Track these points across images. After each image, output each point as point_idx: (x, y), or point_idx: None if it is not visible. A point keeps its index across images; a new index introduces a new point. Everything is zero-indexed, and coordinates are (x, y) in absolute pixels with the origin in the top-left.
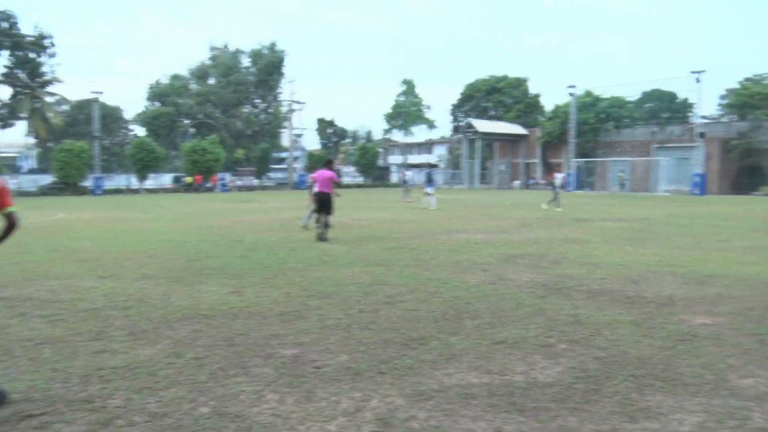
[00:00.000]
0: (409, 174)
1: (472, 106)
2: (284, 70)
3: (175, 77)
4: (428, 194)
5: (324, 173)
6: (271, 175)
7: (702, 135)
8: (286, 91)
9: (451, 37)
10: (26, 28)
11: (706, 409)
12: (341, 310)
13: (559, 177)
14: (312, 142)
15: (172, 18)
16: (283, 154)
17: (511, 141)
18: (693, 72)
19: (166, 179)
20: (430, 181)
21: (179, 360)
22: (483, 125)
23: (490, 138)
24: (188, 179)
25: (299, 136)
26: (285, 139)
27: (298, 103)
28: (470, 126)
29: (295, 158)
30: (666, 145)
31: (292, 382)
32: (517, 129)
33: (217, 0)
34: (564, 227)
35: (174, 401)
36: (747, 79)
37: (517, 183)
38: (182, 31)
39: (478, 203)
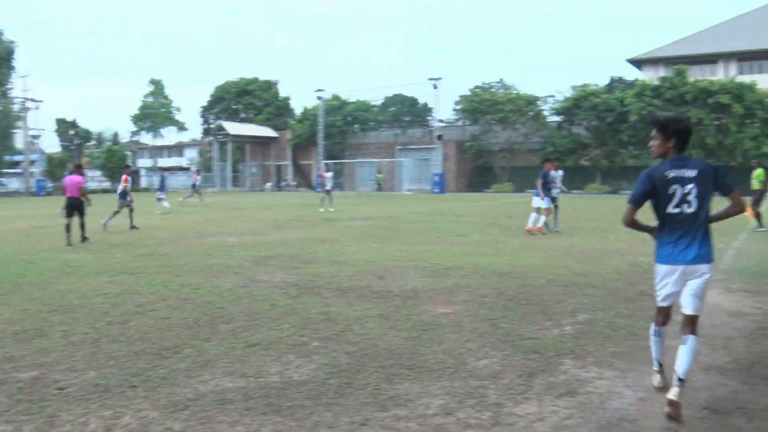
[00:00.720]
0: (198, 178)
1: (223, 108)
2: (15, 63)
3: None
4: (160, 199)
5: (73, 178)
6: (3, 180)
7: (440, 137)
8: (17, 87)
9: (201, 36)
10: None
11: (449, 392)
12: (87, 324)
13: (329, 177)
14: (51, 145)
15: None
16: (18, 158)
17: (262, 143)
18: (431, 79)
19: None
20: (162, 185)
21: None
22: (234, 127)
23: (241, 140)
24: None
25: (36, 137)
26: (19, 141)
27: (34, 101)
28: (221, 128)
29: (32, 162)
30: (408, 146)
31: (31, 408)
32: (267, 131)
33: None
34: (314, 227)
35: None
36: (477, 87)
37: (269, 185)
38: None
39: (229, 206)
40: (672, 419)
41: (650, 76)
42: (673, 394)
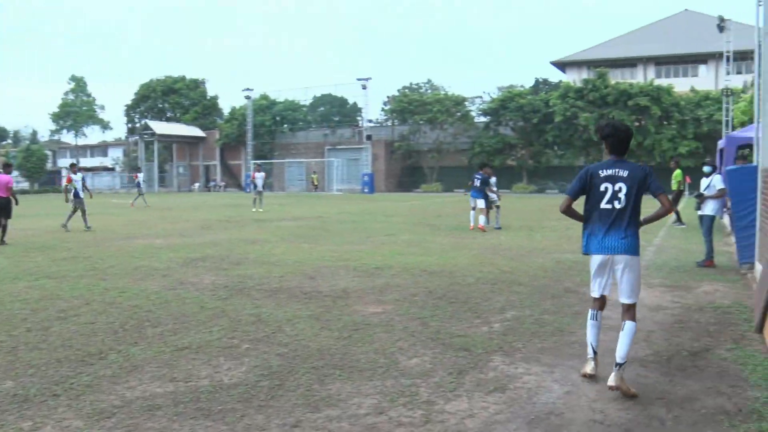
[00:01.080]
0: (140, 176)
1: (149, 106)
2: None
3: None
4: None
5: (2, 178)
6: None
7: (369, 138)
8: None
9: (127, 33)
10: None
11: (381, 391)
12: (4, 332)
13: (260, 177)
14: None
15: None
16: None
17: (189, 143)
18: (359, 79)
19: None
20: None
21: None
22: (160, 127)
23: (168, 140)
24: None
25: None
26: None
27: None
28: (147, 127)
29: None
30: (338, 147)
31: None
32: (195, 131)
33: None
34: (244, 228)
35: None
36: (405, 87)
37: (197, 185)
38: None
39: (157, 207)
40: (624, 392)
41: (574, 78)
42: (612, 380)
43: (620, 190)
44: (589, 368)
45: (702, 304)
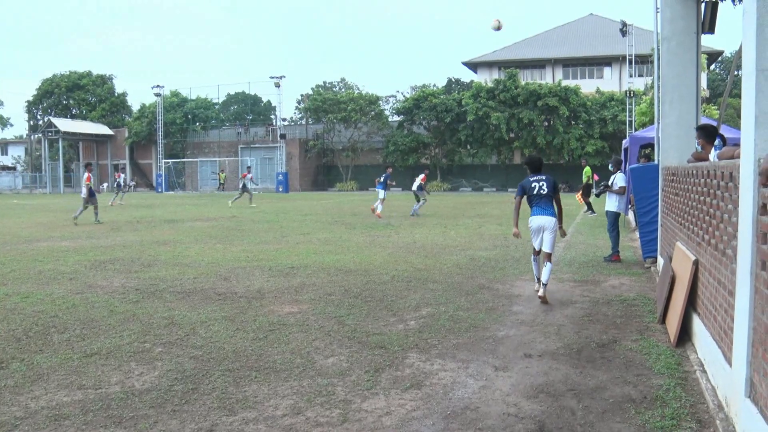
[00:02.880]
0: (122, 176)
1: (52, 103)
2: None
3: None
4: None
5: None
6: None
7: (283, 136)
8: None
9: (25, 26)
10: None
11: (297, 391)
12: None
13: (248, 178)
14: None
15: None
16: None
17: (97, 141)
18: (273, 77)
19: None
20: None
21: None
22: (65, 124)
23: (73, 138)
24: None
25: None
26: None
27: None
28: (51, 125)
29: None
30: (252, 145)
31: None
32: (102, 129)
33: None
34: (155, 229)
35: None
36: (319, 86)
37: (105, 185)
38: None
39: (62, 208)
40: (544, 303)
41: (485, 78)
42: (540, 291)
43: (542, 186)
44: (538, 289)
45: (609, 298)
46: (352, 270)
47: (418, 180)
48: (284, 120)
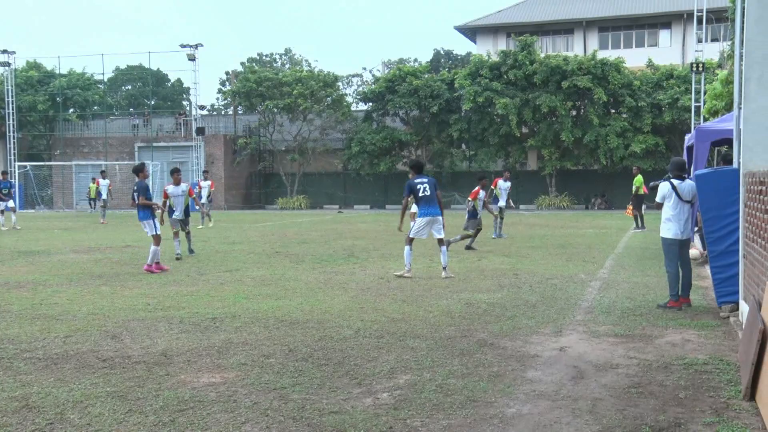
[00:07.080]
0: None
1: None
2: None
3: None
4: None
5: None
6: None
7: (201, 131)
8: None
9: None
10: None
11: None
12: None
13: (205, 186)
14: None
15: None
16: None
17: None
18: (184, 46)
19: None
20: None
21: None
22: None
23: None
24: None
25: None
26: None
27: None
28: None
29: None
30: (155, 144)
31: None
32: None
33: None
34: (3, 265)
35: None
36: (252, 60)
37: None
38: None
39: None
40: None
41: (487, 49)
42: (444, 274)
43: (427, 187)
44: (407, 273)
45: (668, 361)
46: (299, 321)
47: (482, 196)
48: (202, 108)
